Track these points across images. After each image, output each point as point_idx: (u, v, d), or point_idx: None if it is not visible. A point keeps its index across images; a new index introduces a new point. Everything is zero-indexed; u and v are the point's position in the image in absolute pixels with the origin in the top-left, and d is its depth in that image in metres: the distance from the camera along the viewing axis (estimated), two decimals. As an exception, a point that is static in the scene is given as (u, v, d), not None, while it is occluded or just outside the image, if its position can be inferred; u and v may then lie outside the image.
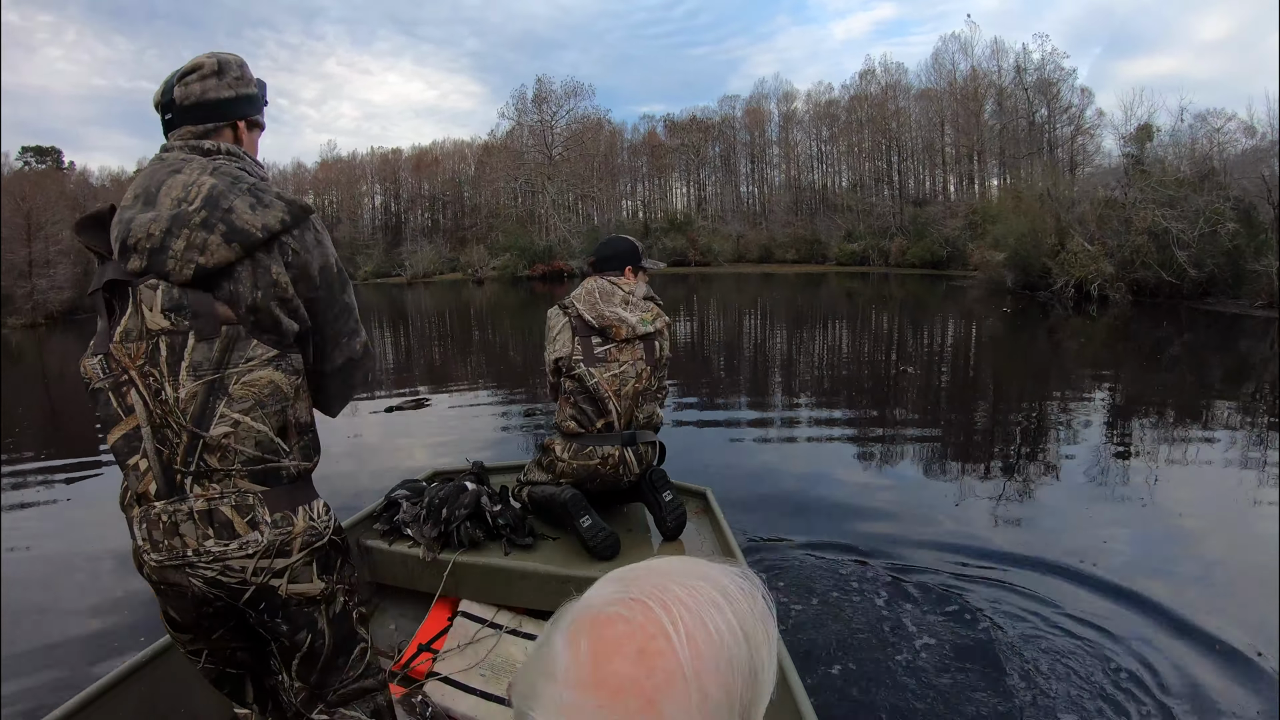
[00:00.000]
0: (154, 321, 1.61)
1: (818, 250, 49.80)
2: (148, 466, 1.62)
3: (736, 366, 13.30)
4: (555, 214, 56.95)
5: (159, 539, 1.62)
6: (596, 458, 3.18)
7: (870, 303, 26.29)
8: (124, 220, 1.66)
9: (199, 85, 1.80)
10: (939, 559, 4.48)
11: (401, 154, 70.20)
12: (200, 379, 1.61)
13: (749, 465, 6.81)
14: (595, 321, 3.15)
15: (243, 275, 1.65)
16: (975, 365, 12.72)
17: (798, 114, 61.43)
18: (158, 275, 1.61)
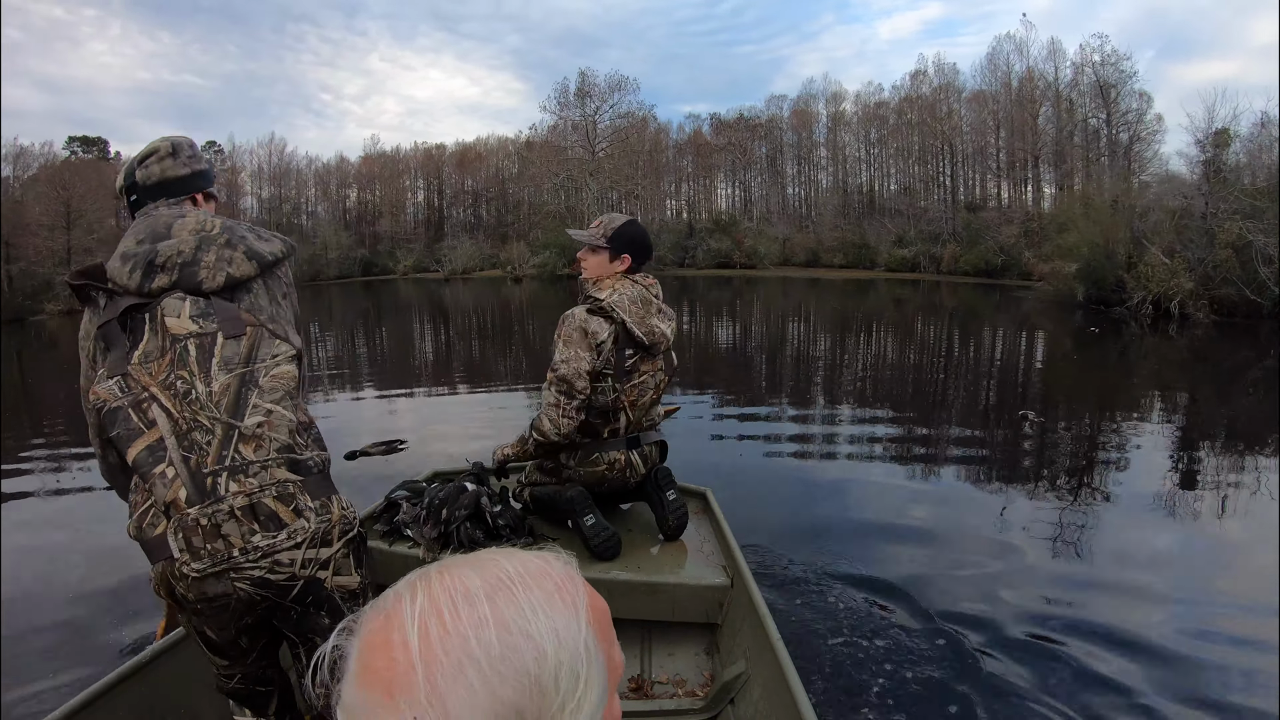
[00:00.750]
0: (181, 327, 1.75)
1: (866, 255, 48.13)
2: (175, 474, 1.64)
3: (778, 376, 12.70)
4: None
5: (199, 544, 1.62)
6: (603, 464, 3.12)
7: (919, 311, 25.22)
8: (141, 252, 1.83)
9: (158, 167, 1.99)
10: (987, 609, 4.15)
11: (445, 150, 69.88)
12: (232, 371, 1.74)
13: (776, 479, 6.67)
14: (646, 338, 2.99)
15: (259, 290, 1.90)
16: (1046, 385, 11.77)
17: (846, 115, 59.89)
18: (186, 287, 1.80)
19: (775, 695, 2.30)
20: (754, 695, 2.47)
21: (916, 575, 4.51)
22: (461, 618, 0.54)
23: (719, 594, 2.90)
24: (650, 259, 3.16)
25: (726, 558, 3.08)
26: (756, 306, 28.91)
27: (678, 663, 2.96)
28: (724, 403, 10.37)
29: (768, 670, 2.40)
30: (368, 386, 12.77)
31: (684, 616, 2.94)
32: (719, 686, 2.67)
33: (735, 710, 2.56)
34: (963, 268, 40.76)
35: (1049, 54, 48.35)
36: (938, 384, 11.98)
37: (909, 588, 4.31)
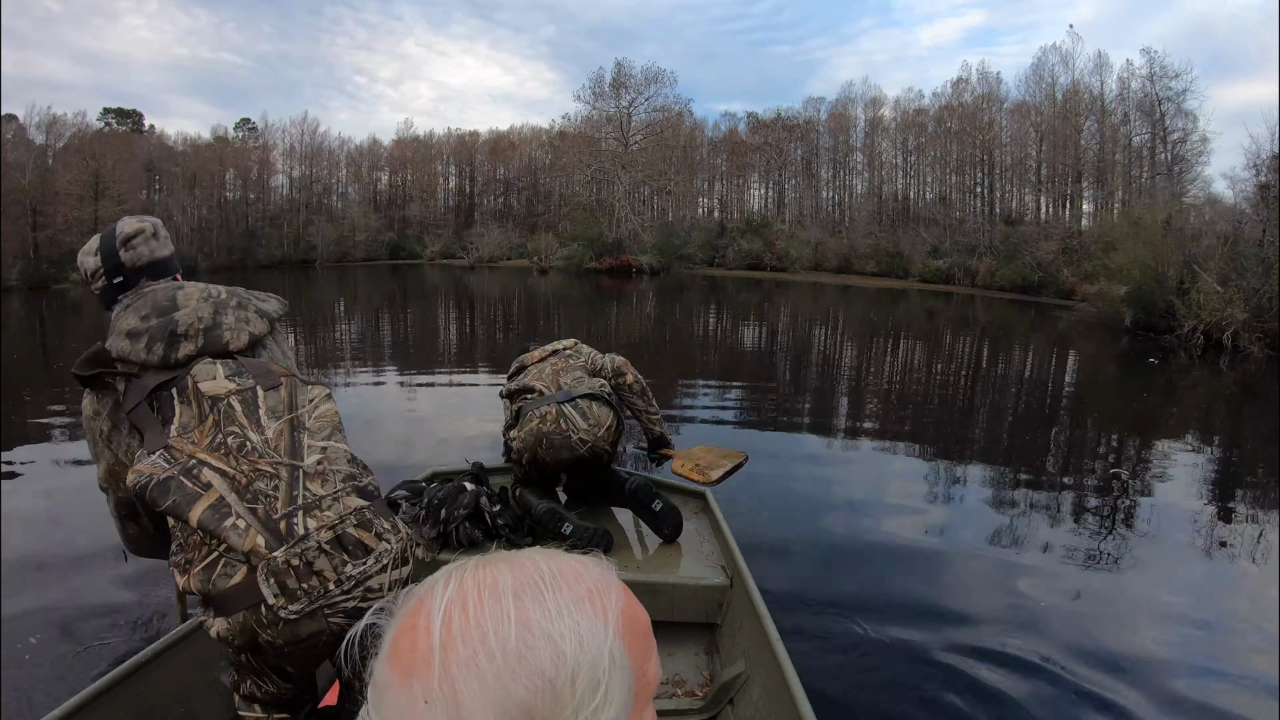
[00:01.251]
0: (219, 389, 1.79)
1: (899, 264, 47.08)
2: (247, 524, 1.64)
3: (799, 383, 12.31)
4: (628, 205, 54.88)
5: (294, 586, 1.62)
6: (535, 419, 3.28)
7: (953, 325, 24.42)
8: (155, 326, 1.87)
9: (145, 248, 2.03)
10: (989, 621, 4.22)
11: (478, 137, 69.62)
12: (280, 418, 1.81)
13: (804, 500, 6.38)
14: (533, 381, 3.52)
15: (272, 346, 2.02)
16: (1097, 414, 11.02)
17: (884, 120, 58.82)
18: (213, 352, 1.87)
19: (775, 695, 2.31)
20: (754, 695, 2.48)
21: (922, 581, 4.70)
22: (485, 611, 0.55)
23: (718, 594, 2.95)
24: None
25: (726, 558, 3.13)
26: (784, 311, 28.30)
27: (677, 663, 2.96)
28: (745, 407, 10.35)
29: (767, 670, 2.42)
30: (389, 370, 13.01)
31: (684, 616, 2.96)
32: (718, 686, 2.69)
33: (735, 710, 2.57)
34: (998, 282, 39.63)
35: (1095, 67, 47.08)
36: (973, 404, 11.44)
37: (912, 592, 4.51)
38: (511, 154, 68.00)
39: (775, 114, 62.17)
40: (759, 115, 62.96)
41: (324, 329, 20.60)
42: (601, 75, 57.97)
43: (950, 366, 15.39)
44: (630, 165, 55.85)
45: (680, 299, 33.07)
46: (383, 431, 8.24)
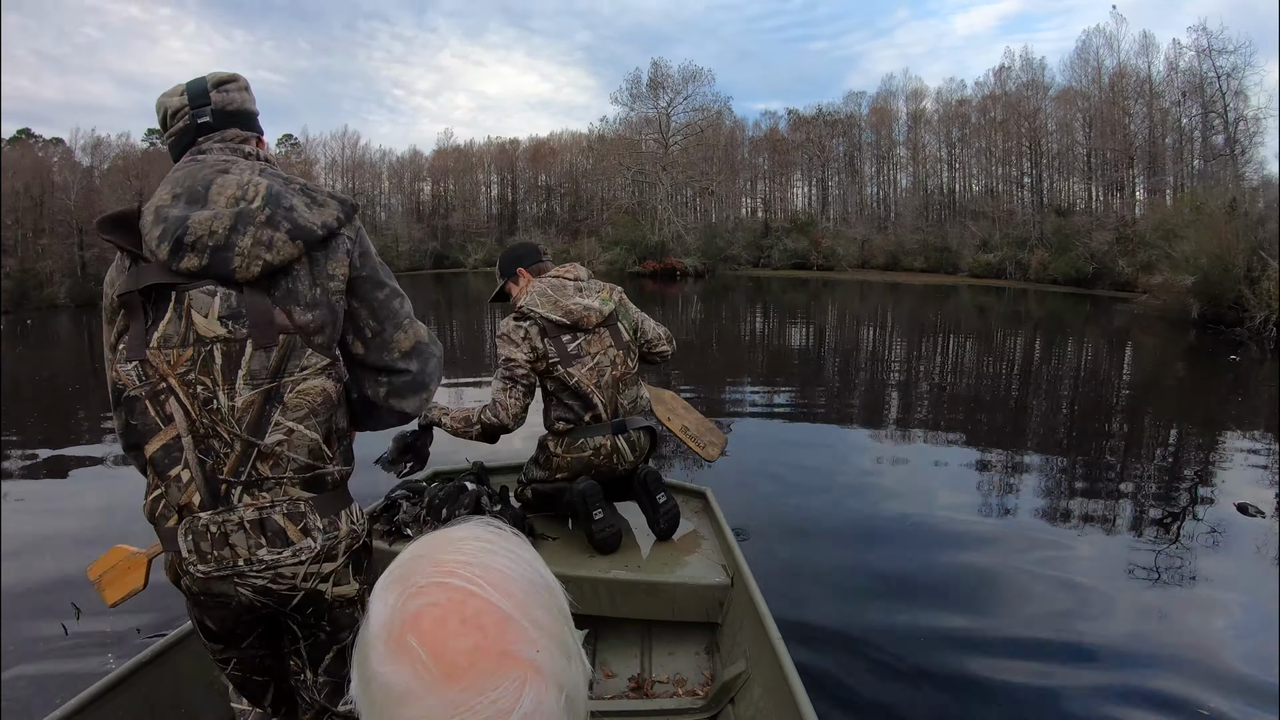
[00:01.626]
0: (208, 329, 1.61)
1: (948, 259, 46.14)
2: (190, 478, 1.62)
3: (839, 383, 12.05)
4: (669, 207, 54.34)
5: (207, 550, 1.62)
6: (589, 449, 3.22)
7: (1013, 322, 23.62)
8: (172, 218, 1.64)
9: (239, 95, 1.86)
10: (993, 620, 4.18)
11: (519, 144, 69.86)
12: (257, 387, 1.63)
13: (843, 498, 6.38)
14: (565, 318, 3.17)
15: (301, 274, 1.68)
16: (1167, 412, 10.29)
17: (926, 113, 57.73)
18: (218, 275, 1.62)
19: (775, 695, 2.29)
20: (754, 695, 2.47)
21: (934, 580, 4.66)
22: (502, 564, 0.61)
23: (719, 593, 2.93)
24: (538, 254, 3.47)
25: (726, 557, 3.11)
26: (832, 310, 27.90)
27: (678, 662, 2.99)
28: (780, 405, 10.28)
29: (768, 670, 2.40)
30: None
31: (684, 616, 2.96)
32: (719, 686, 2.67)
33: (735, 710, 2.55)
34: (1051, 275, 38.58)
35: (1142, 48, 45.31)
36: (1031, 404, 10.87)
37: (916, 593, 4.45)
38: (552, 160, 68.10)
39: (816, 110, 61.39)
40: (800, 112, 62.18)
41: None
42: (638, 76, 57.40)
43: (1005, 364, 14.84)
44: (671, 166, 55.32)
45: (725, 301, 32.78)
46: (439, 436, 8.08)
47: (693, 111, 56.60)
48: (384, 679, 0.56)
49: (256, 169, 1.74)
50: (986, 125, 53.40)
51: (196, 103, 1.81)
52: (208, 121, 1.80)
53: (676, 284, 43.05)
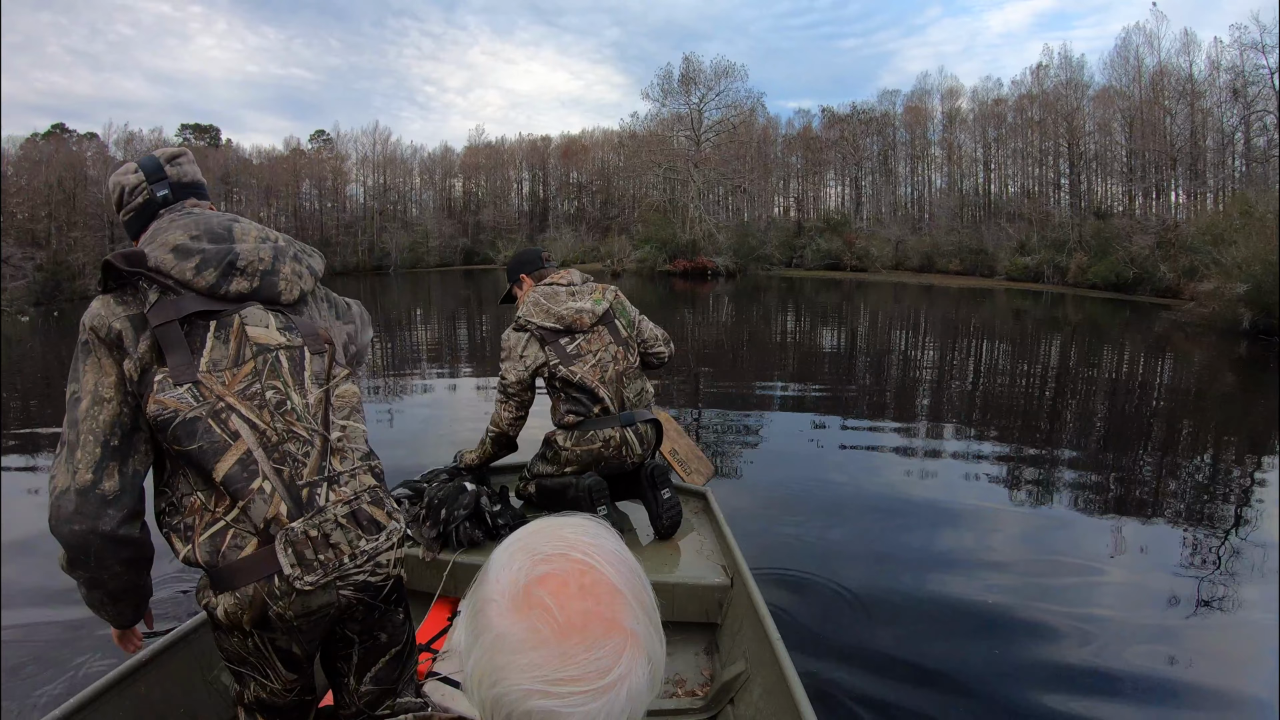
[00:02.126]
0: (270, 338, 1.73)
1: (984, 262, 45.34)
2: (273, 488, 1.61)
3: (883, 392, 11.24)
4: (701, 205, 53.81)
5: (312, 557, 1.61)
6: (599, 441, 3.27)
7: (1043, 326, 22.74)
8: (210, 250, 1.72)
9: (190, 168, 1.97)
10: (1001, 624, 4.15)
11: (550, 141, 69.87)
12: (321, 386, 1.78)
13: (865, 504, 6.31)
14: (558, 323, 3.30)
15: (313, 303, 1.91)
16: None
17: (962, 112, 56.82)
18: (266, 297, 1.77)
19: (775, 695, 2.29)
20: (754, 695, 2.47)
21: (942, 583, 4.65)
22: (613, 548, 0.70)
23: (719, 593, 2.93)
24: (540, 260, 3.66)
25: (726, 557, 3.11)
26: (864, 313, 27.37)
27: (677, 662, 2.97)
28: (807, 407, 10.25)
29: (768, 670, 2.40)
30: (465, 371, 13.63)
31: (684, 616, 2.95)
32: (719, 686, 2.67)
33: (735, 710, 2.55)
34: (1090, 279, 37.74)
35: (1183, 46, 44.18)
36: (1070, 415, 10.15)
37: (919, 595, 4.47)
38: (584, 157, 68.06)
39: (851, 107, 60.67)
40: (834, 110, 61.48)
41: (405, 332, 21.25)
42: (670, 71, 56.75)
43: (1042, 371, 14.26)
44: (703, 164, 54.80)
45: (758, 301, 32.39)
46: (467, 426, 8.52)
47: (725, 108, 56.00)
48: (502, 629, 0.63)
49: (261, 226, 1.92)
50: (1023, 125, 52.44)
51: (153, 178, 1.90)
52: (166, 194, 1.89)
53: (708, 283, 42.69)
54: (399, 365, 14.99)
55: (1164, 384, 13.81)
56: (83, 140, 57.76)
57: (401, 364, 15.21)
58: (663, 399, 10.71)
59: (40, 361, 19.02)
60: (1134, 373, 14.98)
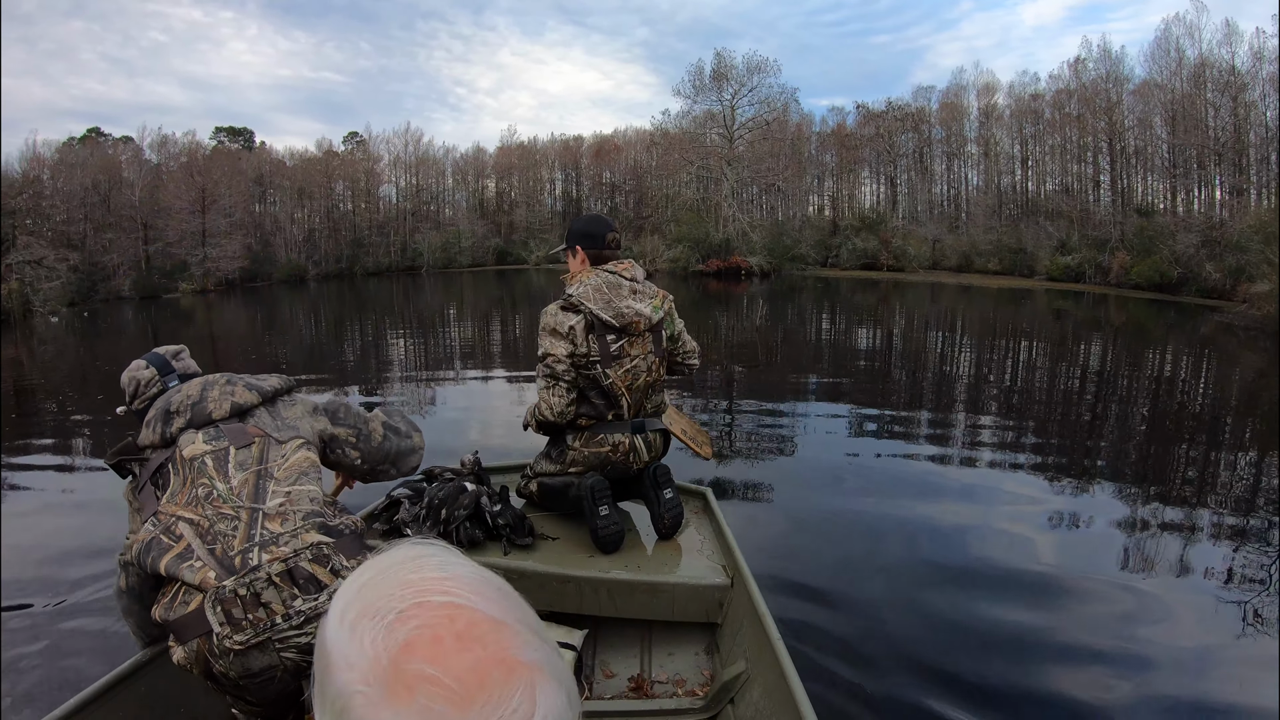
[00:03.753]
0: (196, 450, 2.01)
1: (1023, 261, 44.50)
2: (203, 563, 1.77)
3: (918, 396, 10.79)
4: (734, 204, 53.31)
5: (240, 616, 1.67)
6: (608, 445, 3.25)
7: (1085, 327, 21.91)
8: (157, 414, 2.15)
9: (191, 361, 2.39)
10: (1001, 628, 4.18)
11: (583, 141, 69.87)
12: (247, 469, 1.98)
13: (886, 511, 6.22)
14: (615, 320, 3.14)
15: (264, 416, 2.17)
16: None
17: (998, 108, 55.80)
18: (197, 422, 2.09)
19: (775, 695, 2.29)
20: (754, 695, 2.46)
21: (952, 589, 4.65)
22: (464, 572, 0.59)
23: (719, 594, 2.92)
24: (603, 241, 3.33)
25: (726, 557, 3.11)
26: (899, 314, 26.90)
27: (678, 662, 3.01)
28: (840, 411, 10.19)
29: (768, 670, 2.40)
30: (498, 369, 14.04)
31: (684, 616, 2.95)
32: (719, 686, 2.66)
33: (735, 710, 2.55)
34: (1133, 279, 36.90)
35: (1224, 37, 42.66)
36: (1108, 421, 9.55)
37: (922, 596, 4.50)
38: (616, 157, 67.87)
39: (886, 103, 59.81)
40: (869, 106, 60.68)
41: (437, 331, 21.69)
42: (701, 67, 56.02)
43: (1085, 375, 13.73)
44: (736, 162, 54.29)
45: (792, 302, 32.01)
46: (501, 423, 8.94)
47: (758, 104, 55.29)
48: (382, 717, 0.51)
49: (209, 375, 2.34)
50: (1061, 120, 51.39)
51: (164, 371, 2.31)
52: (176, 383, 2.28)
53: (742, 283, 42.39)
54: (432, 366, 15.17)
55: (1218, 391, 13.27)
56: (118, 144, 58.67)
57: (435, 364, 15.40)
58: (695, 396, 10.79)
59: (72, 358, 19.28)
60: (1189, 378, 14.51)
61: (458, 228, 64.05)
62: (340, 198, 65.73)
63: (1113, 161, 48.54)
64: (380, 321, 26.31)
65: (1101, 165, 49.17)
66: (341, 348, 19.48)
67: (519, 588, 2.50)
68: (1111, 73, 48.46)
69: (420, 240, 62.69)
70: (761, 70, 54.70)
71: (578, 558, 3.09)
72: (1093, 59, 49.37)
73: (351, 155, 67.92)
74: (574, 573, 2.95)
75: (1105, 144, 48.71)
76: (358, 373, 14.58)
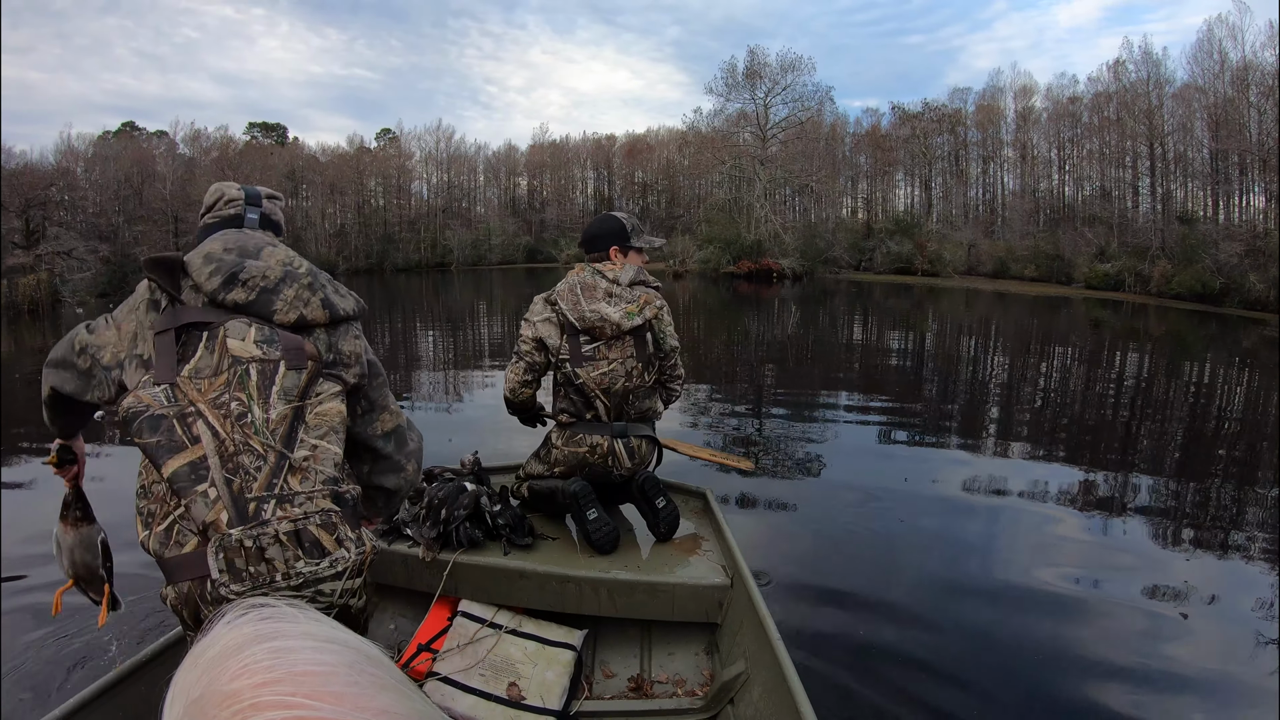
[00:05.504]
0: (244, 350, 1.74)
1: (1060, 268, 43.77)
2: (217, 495, 1.62)
3: (948, 408, 10.31)
4: (767, 204, 52.81)
5: (242, 567, 1.61)
6: (585, 445, 3.28)
7: (1122, 338, 21.00)
8: (227, 261, 1.83)
9: (279, 210, 2.17)
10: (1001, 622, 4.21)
11: (615, 140, 69.93)
12: (289, 403, 1.74)
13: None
14: (578, 323, 3.19)
15: (322, 337, 1.92)
16: None
17: (1035, 111, 54.94)
18: (259, 313, 1.81)
19: (775, 695, 2.30)
20: (754, 695, 2.47)
21: (948, 586, 4.68)
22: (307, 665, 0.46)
23: (719, 594, 2.93)
24: (597, 238, 3.38)
25: (726, 558, 3.12)
26: (933, 320, 26.51)
27: (677, 662, 3.01)
28: (871, 419, 10.05)
29: (768, 670, 2.41)
30: None
31: (684, 616, 2.95)
32: (719, 686, 2.68)
33: (735, 710, 2.55)
34: (1174, 289, 36.11)
35: (1268, 39, 40.92)
36: (1144, 439, 8.51)
37: (924, 599, 4.52)
38: (648, 156, 67.74)
39: (922, 103, 59.13)
40: (905, 107, 60.01)
41: (466, 327, 21.87)
42: (734, 65, 55.60)
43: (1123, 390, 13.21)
44: (769, 162, 53.82)
45: (825, 306, 31.63)
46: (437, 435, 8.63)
47: (792, 103, 54.73)
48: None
49: (296, 255, 1.98)
50: (1100, 125, 50.45)
51: (251, 201, 2.09)
52: (254, 219, 2.07)
53: (773, 286, 42.02)
54: (460, 363, 15.26)
55: (1256, 407, 12.70)
56: (152, 138, 59.48)
57: (461, 361, 15.54)
58: (722, 405, 10.60)
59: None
60: (1222, 393, 13.96)
61: (488, 225, 64.27)
62: (371, 194, 66.23)
63: (1152, 167, 47.56)
64: (409, 317, 26.31)
65: (1141, 170, 48.23)
66: (371, 342, 19.28)
67: (519, 588, 2.95)
68: (1152, 76, 47.48)
69: (451, 237, 63.07)
70: (795, 69, 54.21)
71: (578, 558, 3.11)
72: (1133, 61, 48.39)
73: (384, 151, 68.38)
74: (574, 573, 2.97)
75: (1145, 149, 47.75)
76: (403, 371, 14.44)
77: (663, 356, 3.41)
